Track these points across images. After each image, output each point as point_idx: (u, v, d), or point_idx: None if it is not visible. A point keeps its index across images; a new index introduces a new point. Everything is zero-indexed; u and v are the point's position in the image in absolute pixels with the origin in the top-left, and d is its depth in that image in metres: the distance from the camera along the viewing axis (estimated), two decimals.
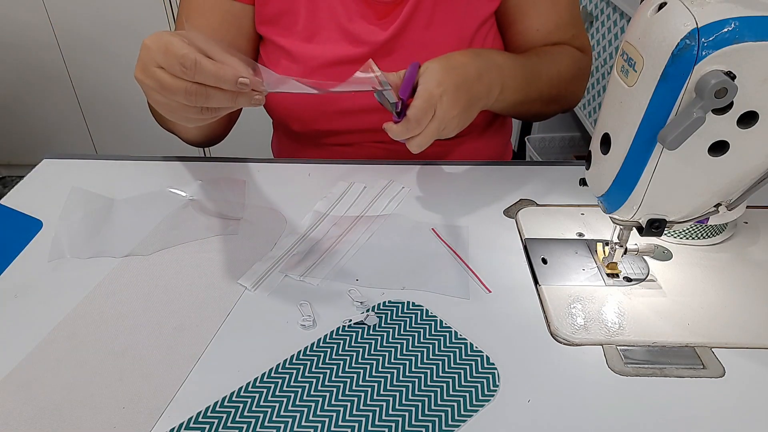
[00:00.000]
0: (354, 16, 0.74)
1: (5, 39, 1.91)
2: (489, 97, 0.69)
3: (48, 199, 0.70)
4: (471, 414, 0.45)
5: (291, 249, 0.63)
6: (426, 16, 0.75)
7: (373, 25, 0.74)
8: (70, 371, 0.49)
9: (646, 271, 0.59)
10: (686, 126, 0.41)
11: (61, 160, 0.79)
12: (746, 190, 0.50)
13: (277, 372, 0.49)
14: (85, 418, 0.45)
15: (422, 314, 0.54)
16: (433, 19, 0.75)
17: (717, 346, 0.51)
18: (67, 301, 0.56)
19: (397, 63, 0.75)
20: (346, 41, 0.75)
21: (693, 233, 0.62)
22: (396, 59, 0.76)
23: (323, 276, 0.59)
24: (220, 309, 0.55)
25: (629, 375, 0.49)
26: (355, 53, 0.75)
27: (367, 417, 0.45)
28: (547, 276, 0.59)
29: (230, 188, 0.72)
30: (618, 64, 0.47)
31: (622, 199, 0.50)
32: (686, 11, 0.41)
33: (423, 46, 0.76)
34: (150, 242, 0.63)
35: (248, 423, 0.45)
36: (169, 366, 0.50)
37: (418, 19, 0.75)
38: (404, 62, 0.75)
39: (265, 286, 0.58)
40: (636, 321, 0.53)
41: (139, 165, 0.78)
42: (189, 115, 0.54)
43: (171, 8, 1.84)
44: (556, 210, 0.69)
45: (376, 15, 0.75)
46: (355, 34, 0.74)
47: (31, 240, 0.64)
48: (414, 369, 0.49)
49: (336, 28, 0.74)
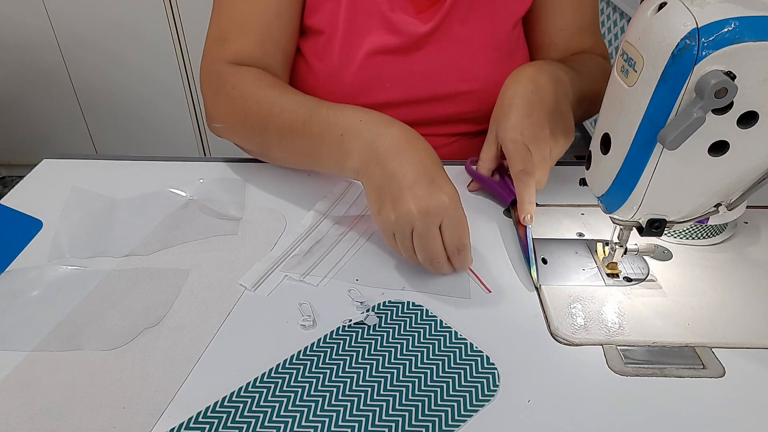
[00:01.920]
0: (395, 6, 0.74)
1: (5, 39, 1.91)
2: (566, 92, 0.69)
3: (48, 199, 0.70)
4: (471, 414, 0.45)
5: (291, 249, 0.63)
6: (463, 12, 0.75)
7: (413, 18, 0.75)
8: (70, 371, 0.49)
9: (646, 271, 0.59)
10: (686, 126, 0.41)
11: (61, 160, 0.79)
12: (746, 190, 0.50)
13: (277, 372, 0.49)
14: (85, 418, 0.45)
15: (422, 314, 0.54)
16: (469, 16, 0.76)
17: (717, 346, 0.51)
18: (67, 301, 0.56)
19: (432, 56, 0.77)
20: (386, 30, 0.75)
21: (693, 233, 0.62)
22: (430, 52, 0.76)
23: (323, 276, 0.59)
24: (220, 309, 0.55)
25: (629, 375, 0.49)
26: (394, 43, 0.75)
27: (367, 417, 0.45)
28: (547, 276, 0.59)
29: (230, 188, 0.72)
30: (618, 64, 0.47)
31: (622, 199, 0.50)
32: (686, 11, 0.41)
33: (459, 41, 0.76)
34: (150, 242, 0.63)
35: (248, 423, 0.45)
36: (169, 366, 0.50)
37: (455, 15, 0.75)
38: (439, 56, 0.77)
39: (265, 286, 0.58)
40: (636, 321, 0.53)
41: (139, 165, 0.78)
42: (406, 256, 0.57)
43: (171, 8, 1.84)
44: (556, 210, 0.69)
45: (416, 8, 0.75)
46: (396, 24, 0.74)
47: (31, 240, 0.64)
48: (414, 369, 0.49)
49: (377, 16, 0.74)
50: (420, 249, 0.55)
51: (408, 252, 0.56)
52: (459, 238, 0.55)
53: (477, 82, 0.77)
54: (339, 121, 0.60)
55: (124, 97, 2.03)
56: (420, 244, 0.54)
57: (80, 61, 1.95)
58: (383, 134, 0.57)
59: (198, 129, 2.11)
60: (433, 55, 0.76)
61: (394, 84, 0.77)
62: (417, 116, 0.80)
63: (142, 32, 1.89)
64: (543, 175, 0.64)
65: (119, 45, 1.91)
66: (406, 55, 0.76)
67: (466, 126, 0.83)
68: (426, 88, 0.78)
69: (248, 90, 0.67)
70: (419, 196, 0.53)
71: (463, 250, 0.56)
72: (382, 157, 0.56)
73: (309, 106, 0.63)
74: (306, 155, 0.65)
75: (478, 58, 0.77)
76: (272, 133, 0.66)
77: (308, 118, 0.62)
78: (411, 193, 0.53)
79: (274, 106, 0.65)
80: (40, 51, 1.93)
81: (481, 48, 0.77)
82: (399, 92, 0.77)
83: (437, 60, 0.76)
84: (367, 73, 0.76)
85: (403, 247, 0.56)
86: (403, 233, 0.55)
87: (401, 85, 0.77)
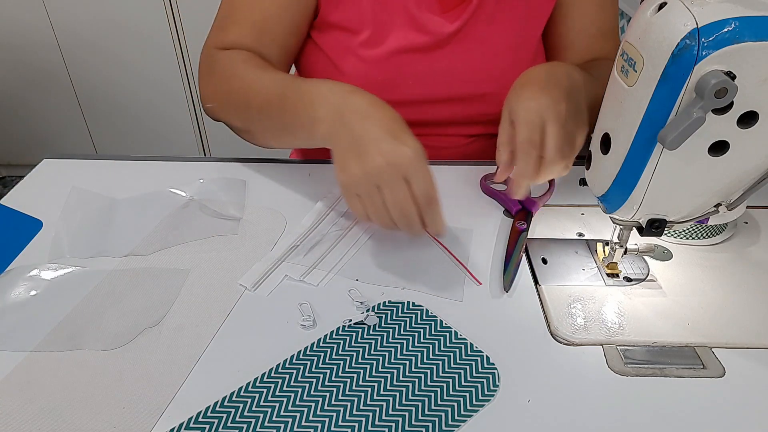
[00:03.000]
0: (422, 5, 0.74)
1: (5, 39, 1.91)
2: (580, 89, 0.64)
3: (48, 199, 0.70)
4: (471, 414, 0.45)
5: (291, 249, 0.63)
6: (488, 12, 0.75)
7: (439, 17, 0.75)
8: (70, 371, 0.49)
9: (646, 271, 0.59)
10: (686, 126, 0.41)
11: (61, 160, 0.79)
12: (746, 190, 0.50)
13: (277, 372, 0.49)
14: (85, 418, 0.45)
15: (422, 314, 0.54)
16: (495, 17, 0.76)
17: (717, 346, 0.51)
18: (67, 301, 0.56)
19: (456, 56, 0.77)
20: (413, 29, 0.75)
21: (693, 233, 0.62)
22: (454, 52, 0.76)
23: (323, 276, 0.59)
24: (220, 309, 0.55)
25: (629, 375, 0.49)
26: (419, 42, 0.75)
27: (367, 417, 0.45)
28: (547, 276, 0.59)
29: (230, 188, 0.72)
30: (618, 64, 0.47)
31: (622, 199, 0.50)
32: (686, 11, 0.41)
33: (483, 41, 0.76)
34: (150, 242, 0.63)
35: (248, 423, 0.45)
36: (169, 366, 0.50)
37: (481, 15, 0.75)
38: (462, 55, 0.77)
39: (265, 286, 0.58)
40: (636, 321, 0.53)
41: (139, 165, 0.78)
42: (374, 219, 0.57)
43: (171, 8, 1.84)
44: (556, 210, 0.69)
45: (442, 8, 0.75)
46: (422, 22, 0.74)
47: (31, 240, 0.64)
48: (414, 369, 0.49)
49: (403, 14, 0.74)
50: (391, 204, 0.54)
51: (376, 209, 0.55)
52: (426, 189, 0.54)
53: (499, 84, 0.77)
54: (309, 91, 0.62)
55: (124, 97, 2.03)
56: (390, 198, 0.54)
57: (80, 61, 1.95)
58: (349, 100, 0.58)
59: (198, 129, 2.10)
60: (457, 55, 0.76)
61: (417, 82, 0.77)
62: (437, 116, 0.80)
63: (142, 32, 1.88)
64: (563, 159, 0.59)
65: (119, 45, 1.91)
66: (430, 54, 0.76)
67: (485, 127, 0.82)
68: (448, 87, 0.78)
69: (235, 70, 0.70)
70: (384, 150, 0.54)
71: (432, 203, 0.55)
72: (347, 120, 0.57)
73: (286, 82, 0.65)
74: (282, 128, 0.67)
75: (501, 59, 0.77)
76: (254, 109, 0.68)
77: (283, 92, 0.64)
78: (376, 148, 0.54)
79: (255, 84, 0.68)
80: (40, 51, 1.93)
81: (505, 50, 0.77)
82: (421, 90, 0.77)
83: (460, 60, 0.76)
84: (391, 70, 0.76)
85: (371, 205, 0.55)
86: (369, 188, 0.55)
87: (424, 83, 0.77)
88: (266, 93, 0.66)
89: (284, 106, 0.64)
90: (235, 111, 0.72)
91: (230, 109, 0.72)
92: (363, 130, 0.55)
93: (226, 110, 0.73)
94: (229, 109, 0.72)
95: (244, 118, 0.71)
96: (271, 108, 0.66)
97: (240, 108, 0.70)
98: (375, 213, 0.56)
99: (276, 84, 0.66)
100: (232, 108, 0.71)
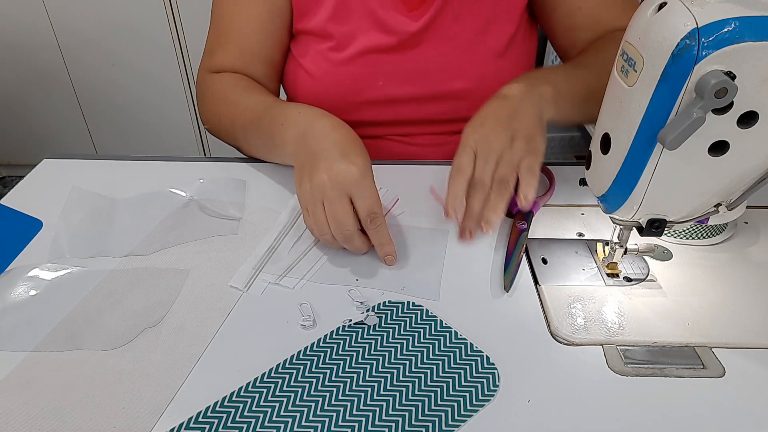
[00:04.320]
0: (386, 5, 0.75)
1: (5, 39, 1.91)
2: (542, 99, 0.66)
3: (48, 199, 0.70)
4: (471, 414, 0.45)
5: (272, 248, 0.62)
6: (454, 9, 0.75)
7: (404, 16, 0.75)
8: (70, 371, 0.49)
9: (646, 271, 0.59)
10: (686, 126, 0.41)
11: (61, 160, 0.79)
12: (746, 190, 0.50)
13: (277, 372, 0.49)
14: (85, 418, 0.45)
15: (422, 314, 0.54)
16: (461, 13, 0.76)
17: (717, 346, 0.51)
18: (67, 301, 0.56)
19: (424, 54, 0.77)
20: (377, 30, 0.75)
21: (693, 233, 0.62)
22: (423, 50, 0.77)
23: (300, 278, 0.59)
24: (220, 309, 0.55)
25: (629, 375, 0.49)
26: (386, 42, 0.76)
27: (367, 417, 0.45)
28: (547, 276, 0.59)
29: (230, 188, 0.72)
30: (618, 64, 0.47)
31: (622, 199, 0.50)
32: (686, 11, 0.41)
33: (450, 39, 0.76)
34: (150, 242, 0.63)
35: (248, 423, 0.45)
36: (169, 366, 0.50)
37: (447, 12, 0.75)
38: (430, 54, 0.77)
39: (261, 285, 0.58)
40: (636, 321, 0.53)
41: (139, 165, 0.78)
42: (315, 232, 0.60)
43: (171, 8, 1.84)
44: (556, 210, 0.69)
45: (407, 7, 0.75)
46: (386, 23, 0.75)
47: (31, 240, 0.64)
48: (414, 369, 0.49)
49: (367, 16, 0.75)
50: (331, 218, 0.57)
51: (319, 224, 0.58)
52: (369, 206, 0.56)
53: (471, 80, 0.77)
54: (282, 114, 0.67)
55: (124, 97, 2.03)
56: (330, 212, 0.57)
57: (80, 61, 1.95)
58: (314, 123, 0.63)
59: (198, 129, 2.11)
60: (426, 53, 0.76)
61: (388, 82, 0.77)
62: (412, 115, 0.80)
63: (142, 32, 1.89)
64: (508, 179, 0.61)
65: (119, 45, 1.91)
66: (398, 54, 0.76)
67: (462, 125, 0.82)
68: (420, 86, 0.78)
69: (222, 95, 0.77)
70: (330, 166, 0.57)
71: (375, 218, 0.57)
72: (308, 140, 0.61)
73: (266, 104, 0.71)
74: (261, 147, 0.73)
75: (470, 55, 0.77)
76: (239, 130, 0.74)
77: (262, 114, 0.70)
78: (325, 165, 0.57)
79: (239, 108, 0.74)
80: (40, 51, 1.93)
81: (474, 45, 0.77)
82: (392, 90, 0.78)
83: (430, 58, 0.76)
84: (361, 72, 0.77)
85: (314, 218, 0.58)
86: (315, 203, 0.57)
87: (395, 83, 0.77)
88: (248, 116, 0.72)
89: (261, 128, 0.70)
90: (225, 132, 0.78)
91: (221, 130, 0.78)
92: (318, 149, 0.59)
93: (220, 131, 0.79)
94: (220, 131, 0.78)
95: (233, 138, 0.77)
96: (252, 130, 0.72)
97: (228, 130, 0.76)
98: (318, 228, 0.58)
99: (257, 107, 0.72)
100: (222, 129, 0.78)
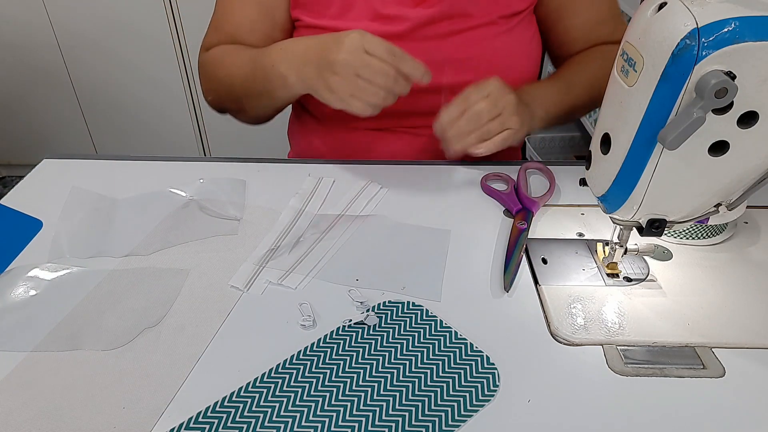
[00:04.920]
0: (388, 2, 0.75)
1: (5, 39, 1.91)
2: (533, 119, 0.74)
3: (48, 199, 0.70)
4: (471, 414, 0.45)
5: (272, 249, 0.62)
6: (461, 4, 0.76)
7: (409, 9, 0.76)
8: (70, 371, 0.49)
9: (646, 271, 0.59)
10: (686, 126, 0.41)
11: (61, 160, 0.79)
12: (746, 190, 0.50)
13: (277, 372, 0.49)
14: (85, 418, 0.45)
15: (422, 314, 0.54)
16: (467, 8, 0.76)
17: (717, 346, 0.51)
18: (67, 301, 0.56)
19: (427, 49, 0.77)
20: (380, 22, 0.76)
21: (693, 233, 0.62)
22: (428, 44, 0.77)
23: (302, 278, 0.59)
24: (220, 309, 0.55)
25: (629, 375, 0.49)
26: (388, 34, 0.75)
27: (367, 417, 0.45)
28: (547, 276, 0.59)
29: (230, 188, 0.72)
30: (618, 64, 0.47)
31: (622, 199, 0.50)
32: (686, 11, 0.41)
33: (455, 33, 0.77)
34: (150, 242, 0.63)
35: (248, 423, 0.45)
36: (169, 366, 0.50)
37: (454, 6, 0.76)
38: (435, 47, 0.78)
39: (260, 285, 0.58)
40: (636, 321, 0.53)
41: (139, 165, 0.78)
42: (372, 101, 0.64)
43: (171, 8, 1.84)
44: (556, 210, 0.69)
45: (413, 1, 0.76)
46: (390, 16, 0.76)
47: (31, 240, 0.64)
48: (414, 369, 0.49)
49: (370, 9, 0.76)
50: (373, 77, 0.62)
51: (371, 92, 0.63)
52: (385, 45, 0.63)
53: (476, 74, 0.77)
54: (268, 56, 0.72)
55: (124, 97, 2.03)
56: (368, 74, 0.62)
57: (80, 61, 1.95)
58: (296, 46, 0.70)
59: (198, 129, 2.10)
60: (431, 47, 0.76)
61: None
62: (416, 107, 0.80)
63: (142, 32, 1.88)
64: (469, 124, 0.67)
65: (119, 45, 1.91)
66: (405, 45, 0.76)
67: None
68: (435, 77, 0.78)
69: (218, 61, 0.80)
70: (338, 49, 0.63)
71: (397, 52, 0.63)
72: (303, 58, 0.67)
73: (252, 56, 0.75)
74: (263, 96, 0.76)
75: (476, 49, 0.77)
76: (237, 87, 0.77)
77: (253, 65, 0.74)
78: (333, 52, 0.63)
79: (233, 67, 0.78)
80: (40, 51, 1.93)
81: (480, 40, 0.77)
82: None
83: (435, 51, 0.76)
84: None
85: (364, 92, 0.63)
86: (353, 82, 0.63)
87: None
88: (242, 72, 0.76)
89: (256, 77, 0.74)
90: (226, 96, 0.80)
91: (222, 95, 0.81)
92: (315, 52, 0.66)
93: (220, 97, 0.81)
94: (221, 96, 0.81)
95: (234, 99, 0.80)
96: (249, 82, 0.75)
97: (228, 91, 0.79)
98: (372, 94, 0.63)
99: (248, 61, 0.76)
100: (223, 94, 0.80)
